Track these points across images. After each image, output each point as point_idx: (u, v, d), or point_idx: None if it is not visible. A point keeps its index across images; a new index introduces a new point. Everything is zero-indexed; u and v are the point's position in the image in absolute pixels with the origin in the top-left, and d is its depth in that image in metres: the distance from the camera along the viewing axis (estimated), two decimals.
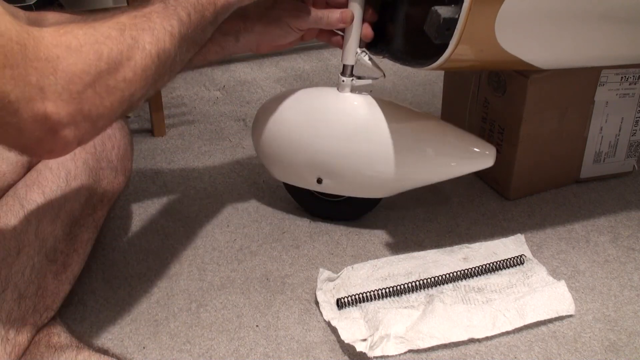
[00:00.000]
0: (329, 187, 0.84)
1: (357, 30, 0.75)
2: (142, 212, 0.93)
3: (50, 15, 0.72)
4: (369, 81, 0.80)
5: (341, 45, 0.78)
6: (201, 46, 0.62)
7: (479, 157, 0.80)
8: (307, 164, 0.83)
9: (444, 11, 0.65)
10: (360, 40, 0.77)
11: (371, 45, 0.79)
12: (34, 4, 1.30)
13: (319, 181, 0.83)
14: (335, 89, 0.81)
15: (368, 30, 0.76)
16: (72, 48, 0.46)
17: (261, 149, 0.87)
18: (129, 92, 0.50)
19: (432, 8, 0.65)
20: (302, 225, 0.90)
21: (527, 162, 0.93)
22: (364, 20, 0.76)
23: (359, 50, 0.76)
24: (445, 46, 0.66)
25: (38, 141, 0.47)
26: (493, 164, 0.80)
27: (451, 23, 0.65)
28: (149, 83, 0.52)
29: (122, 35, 0.50)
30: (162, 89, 0.61)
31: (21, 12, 0.70)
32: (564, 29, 0.72)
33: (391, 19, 0.76)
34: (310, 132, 0.81)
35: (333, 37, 0.78)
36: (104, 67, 0.48)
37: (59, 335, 0.64)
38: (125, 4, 1.57)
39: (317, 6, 0.75)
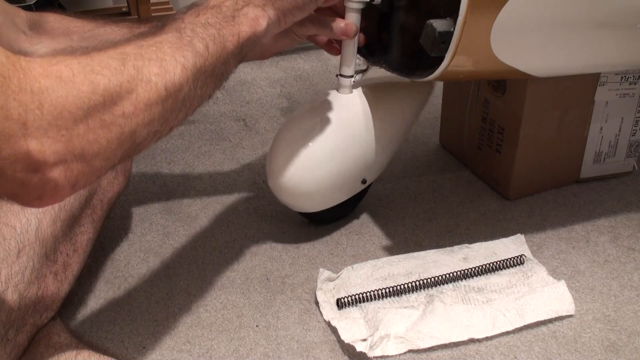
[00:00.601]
0: (369, 181, 0.86)
1: (356, 42, 0.75)
2: (142, 212, 0.93)
3: (52, 17, 0.72)
4: (357, 76, 0.80)
5: (325, 45, 0.78)
6: (224, 80, 0.57)
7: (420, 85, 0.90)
8: (355, 175, 0.82)
9: (439, 25, 0.65)
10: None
11: (368, 55, 0.79)
12: (34, 4, 1.30)
13: (364, 182, 0.84)
14: (334, 92, 0.80)
15: (361, 37, 0.76)
16: (63, 79, 0.41)
17: (299, 192, 0.79)
18: (129, 128, 0.45)
19: (427, 22, 0.65)
20: (302, 225, 0.90)
21: (527, 162, 0.93)
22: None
23: (359, 62, 0.77)
24: (441, 58, 0.66)
25: (22, 185, 0.41)
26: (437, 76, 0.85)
27: (446, 36, 0.65)
28: (155, 119, 0.47)
29: (124, 65, 0.45)
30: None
31: (22, 13, 0.70)
32: (559, 39, 0.72)
33: (388, 30, 0.77)
34: (348, 145, 0.79)
35: (319, 37, 0.78)
36: (99, 100, 0.42)
37: (59, 335, 0.64)
38: (126, 4, 1.58)
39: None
